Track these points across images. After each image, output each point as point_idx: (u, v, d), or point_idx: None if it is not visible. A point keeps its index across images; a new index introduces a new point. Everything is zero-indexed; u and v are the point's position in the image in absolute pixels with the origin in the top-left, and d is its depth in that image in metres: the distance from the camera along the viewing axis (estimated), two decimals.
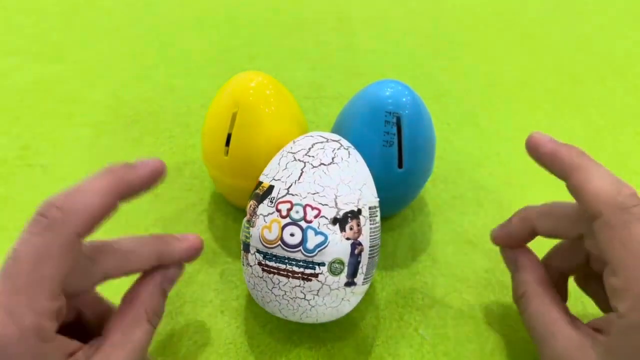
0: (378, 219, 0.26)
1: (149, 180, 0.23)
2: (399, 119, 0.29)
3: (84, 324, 0.24)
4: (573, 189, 0.23)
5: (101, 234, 0.34)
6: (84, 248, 0.22)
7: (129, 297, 0.24)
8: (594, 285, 0.27)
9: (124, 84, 0.46)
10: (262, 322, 0.29)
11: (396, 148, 0.29)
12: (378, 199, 0.27)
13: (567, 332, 0.23)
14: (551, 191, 0.38)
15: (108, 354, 0.21)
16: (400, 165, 0.30)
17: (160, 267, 0.25)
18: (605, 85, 0.48)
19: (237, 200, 0.34)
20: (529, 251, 0.28)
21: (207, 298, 0.30)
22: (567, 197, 0.24)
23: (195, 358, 0.27)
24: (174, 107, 0.44)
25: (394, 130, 0.29)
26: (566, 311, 0.24)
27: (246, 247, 0.26)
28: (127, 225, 0.34)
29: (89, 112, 0.43)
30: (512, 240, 0.28)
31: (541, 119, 0.44)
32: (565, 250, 0.27)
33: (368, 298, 0.30)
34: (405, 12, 0.58)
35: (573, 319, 0.24)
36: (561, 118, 0.44)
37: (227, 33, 0.54)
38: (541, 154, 0.25)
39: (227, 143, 0.30)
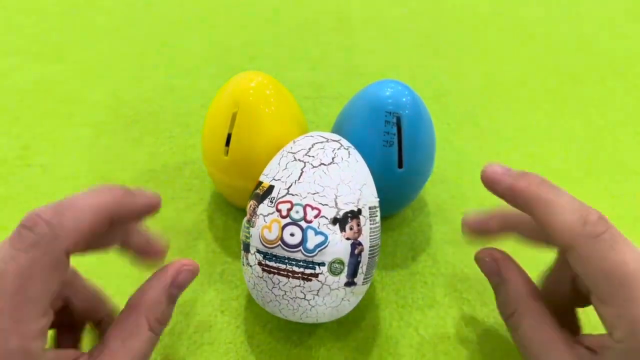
0: (378, 219, 0.26)
1: (143, 209, 0.23)
2: (399, 119, 0.29)
3: (71, 309, 0.24)
4: (539, 224, 0.22)
5: None
6: None
7: (133, 301, 0.22)
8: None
9: (124, 84, 0.46)
10: (262, 322, 0.29)
11: (396, 148, 0.29)
12: (378, 199, 0.27)
13: (564, 353, 0.22)
14: None
15: None
16: (400, 165, 0.30)
17: (169, 269, 0.23)
18: (605, 85, 0.48)
19: (237, 200, 0.34)
20: (513, 261, 0.26)
21: (207, 298, 0.30)
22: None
23: (195, 358, 0.27)
24: (174, 107, 0.44)
25: (394, 130, 0.29)
26: (559, 328, 0.23)
27: (246, 247, 0.26)
28: None
29: (89, 112, 0.43)
30: (486, 238, 0.26)
31: (541, 119, 0.44)
32: (553, 278, 0.26)
33: (368, 298, 0.30)
34: (405, 12, 0.58)
35: (566, 337, 0.23)
36: (561, 118, 0.44)
37: (227, 33, 0.54)
38: (499, 191, 0.24)
39: (227, 143, 0.30)
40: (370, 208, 0.25)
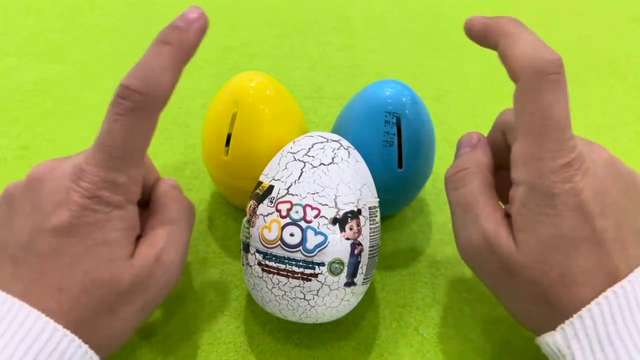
0: (378, 219, 0.26)
1: (201, 36, 0.23)
2: (398, 119, 0.29)
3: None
4: (501, 56, 0.23)
5: None
6: None
7: None
8: None
9: None
10: (262, 322, 0.29)
11: (396, 148, 0.29)
12: (378, 199, 0.27)
13: (500, 217, 0.23)
14: None
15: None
16: (400, 166, 0.30)
17: None
18: (605, 85, 0.48)
19: (237, 200, 0.34)
20: (488, 146, 0.27)
21: (207, 298, 0.30)
22: None
23: (195, 358, 0.27)
24: (174, 107, 0.44)
25: (394, 130, 0.29)
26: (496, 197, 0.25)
27: (246, 247, 0.26)
28: None
29: (89, 112, 0.43)
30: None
31: None
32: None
33: (368, 298, 0.30)
34: (405, 12, 0.58)
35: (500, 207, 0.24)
36: None
37: (227, 33, 0.54)
38: (474, 31, 0.25)
39: (227, 143, 0.30)
40: (370, 208, 0.25)
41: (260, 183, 0.27)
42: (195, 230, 0.34)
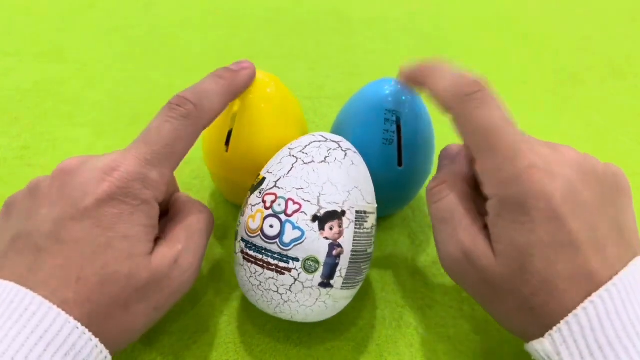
0: (368, 225, 0.26)
1: (247, 84, 0.28)
2: (398, 117, 0.29)
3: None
4: (430, 97, 0.25)
5: None
6: None
7: None
8: None
9: (124, 84, 0.46)
10: (262, 322, 0.29)
11: (396, 146, 0.29)
12: (373, 205, 0.26)
13: (478, 229, 0.23)
14: None
15: None
16: (400, 164, 0.30)
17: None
18: (605, 85, 0.48)
19: (237, 198, 0.34)
20: (468, 158, 0.27)
21: (207, 298, 0.30)
22: None
23: (195, 358, 0.27)
24: None
25: (394, 128, 0.29)
26: (476, 210, 0.25)
27: (236, 235, 0.26)
28: None
29: (89, 112, 0.43)
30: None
31: (541, 119, 0.44)
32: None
33: (368, 298, 0.30)
34: (405, 12, 0.58)
35: (480, 219, 0.24)
36: (561, 118, 0.44)
37: (227, 33, 0.54)
38: (406, 78, 0.27)
39: (227, 140, 0.30)
40: (357, 212, 0.25)
41: (258, 175, 0.27)
42: None
